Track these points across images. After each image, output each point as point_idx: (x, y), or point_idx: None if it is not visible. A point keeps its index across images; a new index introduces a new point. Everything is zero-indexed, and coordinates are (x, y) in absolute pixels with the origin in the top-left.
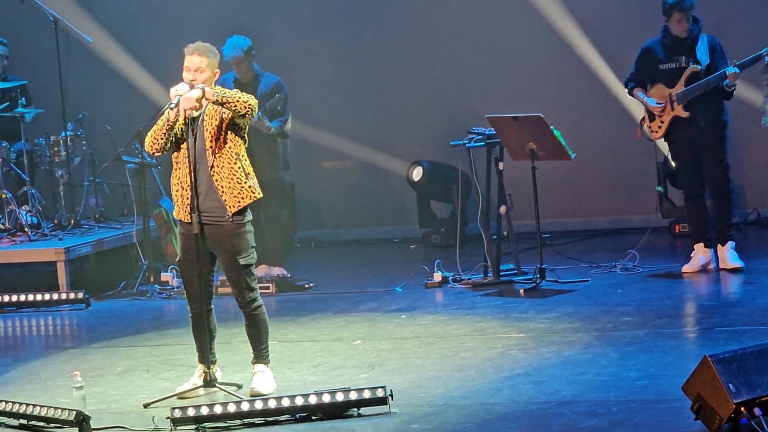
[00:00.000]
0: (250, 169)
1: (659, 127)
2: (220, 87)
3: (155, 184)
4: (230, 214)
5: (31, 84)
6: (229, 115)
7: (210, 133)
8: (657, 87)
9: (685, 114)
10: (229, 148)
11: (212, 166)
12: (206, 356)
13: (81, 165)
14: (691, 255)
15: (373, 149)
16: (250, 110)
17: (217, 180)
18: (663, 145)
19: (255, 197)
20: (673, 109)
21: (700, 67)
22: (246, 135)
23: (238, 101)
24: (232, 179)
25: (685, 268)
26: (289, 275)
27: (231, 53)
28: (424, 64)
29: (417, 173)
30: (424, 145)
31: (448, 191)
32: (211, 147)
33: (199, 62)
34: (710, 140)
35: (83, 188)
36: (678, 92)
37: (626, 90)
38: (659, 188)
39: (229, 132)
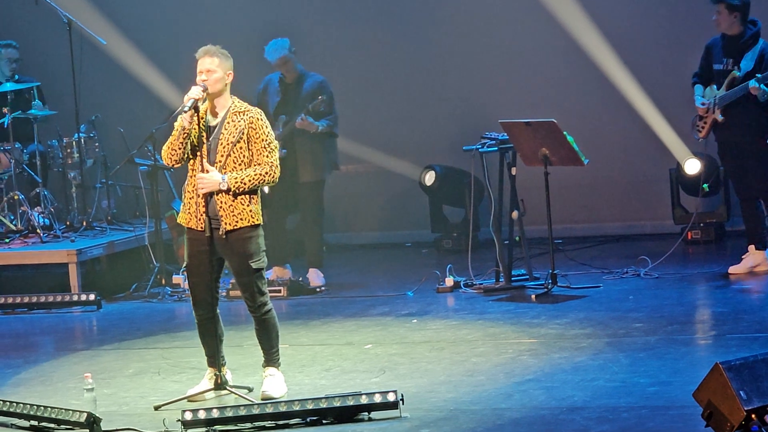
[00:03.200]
0: (257, 196)
1: (702, 127)
2: (238, 175)
3: (167, 187)
4: (224, 230)
5: (45, 85)
6: (252, 150)
7: (223, 146)
8: (711, 86)
9: (720, 119)
10: (240, 166)
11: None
12: (216, 360)
13: (93, 167)
14: (743, 256)
15: (385, 153)
16: (274, 179)
17: (216, 193)
18: (677, 151)
19: (253, 222)
20: (713, 112)
21: (738, 73)
22: None
23: (260, 181)
24: (235, 198)
25: (733, 269)
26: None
27: (276, 55)
28: (438, 69)
29: (429, 178)
30: (436, 150)
31: (460, 196)
32: (220, 162)
33: (210, 63)
34: (749, 147)
35: (96, 190)
36: (719, 96)
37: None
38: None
39: (241, 151)
